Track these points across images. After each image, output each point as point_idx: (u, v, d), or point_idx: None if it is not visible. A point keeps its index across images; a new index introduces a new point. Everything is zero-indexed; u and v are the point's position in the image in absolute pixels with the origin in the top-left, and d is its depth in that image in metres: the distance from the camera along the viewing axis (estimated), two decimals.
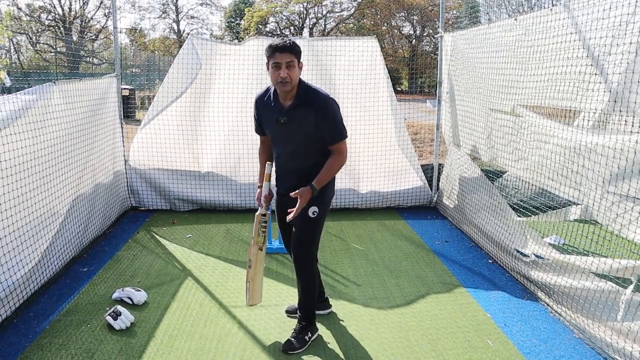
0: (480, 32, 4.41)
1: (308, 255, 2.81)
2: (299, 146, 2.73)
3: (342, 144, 2.70)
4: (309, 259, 2.82)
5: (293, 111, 2.67)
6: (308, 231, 2.76)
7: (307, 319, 2.92)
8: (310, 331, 2.92)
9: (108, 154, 4.89)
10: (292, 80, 2.59)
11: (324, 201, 2.76)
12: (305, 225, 2.74)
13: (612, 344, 2.69)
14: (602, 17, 2.73)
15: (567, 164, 3.07)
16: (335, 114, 2.68)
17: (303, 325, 2.90)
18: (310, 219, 2.72)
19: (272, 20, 36.63)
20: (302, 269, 2.83)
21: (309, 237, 2.78)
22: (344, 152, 2.72)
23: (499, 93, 3.96)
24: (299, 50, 2.62)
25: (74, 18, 31.38)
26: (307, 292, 2.88)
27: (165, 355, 2.77)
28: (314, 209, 2.70)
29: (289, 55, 2.56)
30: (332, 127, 2.66)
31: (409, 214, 5.56)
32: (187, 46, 5.30)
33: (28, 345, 2.83)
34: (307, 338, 2.89)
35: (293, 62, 2.57)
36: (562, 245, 4.25)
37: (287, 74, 2.56)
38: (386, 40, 32.99)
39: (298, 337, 2.87)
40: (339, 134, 2.69)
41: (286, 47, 2.56)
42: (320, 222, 2.78)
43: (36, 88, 3.51)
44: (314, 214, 2.71)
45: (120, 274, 3.85)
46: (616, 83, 2.64)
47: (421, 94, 14.62)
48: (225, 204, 5.53)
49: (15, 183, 3.10)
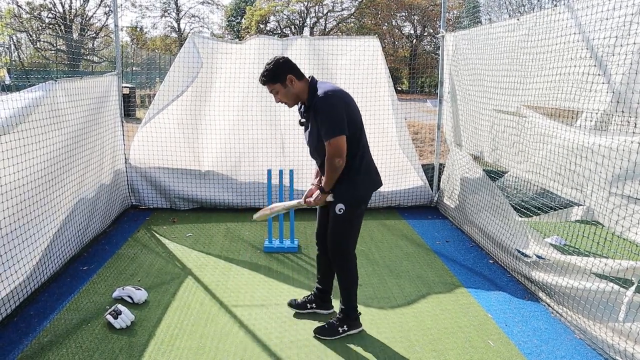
0: (482, 32, 4.40)
1: (338, 249, 2.89)
2: (315, 147, 2.81)
3: (330, 142, 2.64)
4: (340, 254, 2.89)
5: (306, 114, 2.82)
6: (336, 227, 2.85)
7: (345, 312, 2.97)
8: (347, 325, 2.96)
9: (109, 152, 4.89)
10: (287, 101, 2.80)
11: (349, 200, 2.80)
12: (333, 222, 2.85)
13: (613, 345, 2.69)
14: (606, 17, 2.72)
15: (570, 165, 3.06)
16: (328, 111, 2.64)
17: (341, 317, 2.97)
18: (337, 215, 2.81)
19: (272, 19, 36.65)
20: (335, 263, 2.93)
21: (337, 233, 2.86)
22: (330, 152, 2.66)
23: (502, 94, 3.94)
24: (272, 76, 2.74)
25: (75, 16, 31.35)
26: (343, 286, 2.96)
27: (165, 354, 2.77)
28: (339, 206, 2.80)
29: (268, 86, 2.78)
30: (323, 124, 2.66)
31: (409, 214, 5.56)
32: (188, 45, 5.29)
33: (28, 343, 2.83)
34: (342, 330, 2.94)
35: (274, 88, 2.77)
36: (563, 246, 4.25)
37: (278, 99, 2.80)
38: (387, 40, 32.99)
39: (332, 325, 2.96)
40: (327, 132, 2.64)
41: (261, 81, 2.78)
42: (348, 219, 2.83)
43: (40, 86, 3.51)
44: (340, 211, 2.80)
45: (120, 272, 3.84)
46: (619, 84, 2.63)
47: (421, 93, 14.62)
48: (225, 202, 5.52)
49: (20, 180, 3.10)
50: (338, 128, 2.63)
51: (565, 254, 3.36)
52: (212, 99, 5.40)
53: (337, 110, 2.64)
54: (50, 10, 30.82)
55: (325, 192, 2.79)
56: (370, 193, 2.88)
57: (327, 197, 2.81)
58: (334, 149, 2.64)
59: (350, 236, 2.89)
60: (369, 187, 2.85)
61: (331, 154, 2.65)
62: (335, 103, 2.65)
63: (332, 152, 2.65)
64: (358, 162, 2.77)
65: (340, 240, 2.87)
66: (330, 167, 2.68)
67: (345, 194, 2.78)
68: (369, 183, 2.85)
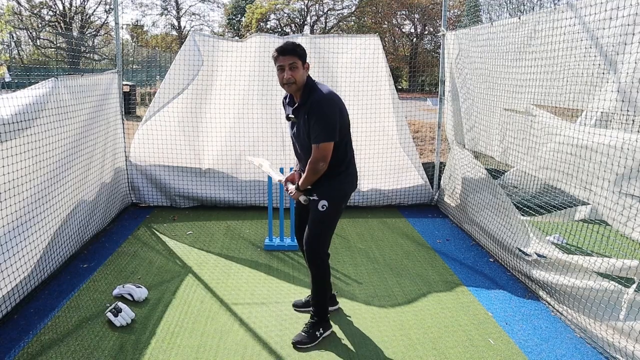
0: (484, 30, 4.38)
1: (316, 247, 2.85)
2: (303, 145, 2.79)
3: (318, 146, 2.63)
4: (317, 252, 2.86)
5: (297, 111, 2.75)
6: (317, 224, 2.83)
7: (318, 314, 2.94)
8: (322, 327, 2.94)
9: (110, 150, 4.88)
10: (297, 80, 2.66)
11: (332, 196, 2.79)
12: (314, 218, 2.83)
13: (613, 343, 2.69)
14: (611, 16, 2.70)
15: (579, 164, 3.01)
16: (322, 115, 2.62)
17: (315, 321, 2.94)
18: (319, 212, 2.79)
19: (273, 17, 36.59)
20: (312, 261, 2.88)
21: (317, 230, 2.85)
22: (316, 156, 2.65)
23: (509, 92, 3.91)
24: (302, 52, 2.65)
25: (75, 14, 31.31)
26: (317, 286, 2.92)
27: (166, 352, 2.77)
28: (323, 202, 2.78)
29: (290, 57, 2.63)
30: (316, 127, 2.64)
31: (410, 212, 5.56)
32: (189, 42, 5.29)
33: (29, 341, 2.83)
34: (318, 334, 2.91)
35: (295, 63, 2.64)
36: (563, 244, 4.25)
37: (291, 75, 2.64)
38: (387, 39, 32.96)
39: (309, 332, 2.90)
40: (319, 136, 2.63)
41: (288, 49, 2.63)
42: (328, 216, 2.82)
43: (42, 83, 3.50)
44: (323, 208, 2.78)
45: (120, 270, 3.84)
46: (624, 82, 2.61)
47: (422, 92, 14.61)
48: (226, 200, 5.52)
49: (22, 178, 3.09)
50: (329, 134, 2.64)
51: (566, 253, 3.36)
52: (212, 97, 5.39)
53: (331, 117, 2.65)
54: (51, 7, 30.78)
55: (299, 190, 2.82)
56: (350, 193, 2.91)
57: (300, 198, 2.81)
58: (321, 153, 2.65)
59: (328, 234, 2.89)
60: (350, 187, 2.89)
61: (317, 158, 2.66)
62: (332, 109, 2.66)
63: (318, 156, 2.66)
64: (345, 165, 2.81)
65: (319, 238, 2.85)
66: (312, 170, 2.69)
67: (329, 191, 2.78)
68: (350, 184, 2.89)
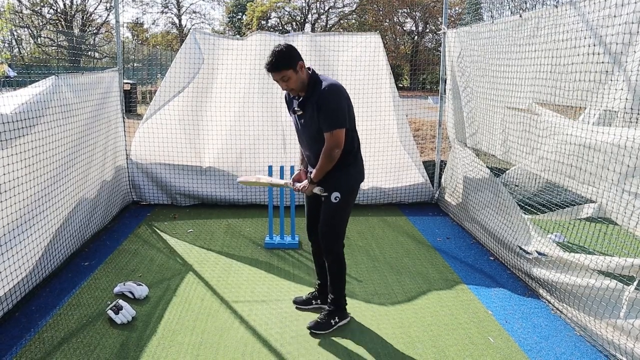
0: (486, 28, 4.37)
1: (334, 240, 2.91)
2: (312, 137, 2.82)
3: (332, 133, 2.68)
4: (333, 244, 2.91)
5: (304, 104, 2.78)
6: (331, 216, 2.88)
7: (335, 303, 2.99)
8: (339, 316, 2.99)
9: (110, 148, 4.89)
10: (295, 87, 2.74)
11: (345, 188, 2.84)
12: (328, 210, 2.87)
13: (613, 341, 2.69)
14: (616, 14, 2.69)
15: (584, 161, 3.00)
16: (332, 102, 2.68)
17: (331, 310, 2.99)
18: (332, 204, 2.83)
19: (274, 15, 36.54)
20: (328, 252, 2.92)
21: (332, 221, 2.89)
22: (331, 143, 2.69)
23: (512, 90, 3.89)
24: (286, 62, 2.66)
25: (75, 12, 31.29)
26: (334, 276, 2.96)
27: (166, 349, 2.77)
28: (336, 194, 2.82)
29: (277, 74, 2.68)
30: (326, 115, 2.68)
31: (410, 211, 5.56)
32: (189, 40, 5.28)
33: (30, 338, 2.84)
34: (334, 322, 2.97)
35: (285, 75, 2.68)
36: (563, 242, 4.25)
37: (286, 86, 2.73)
38: (388, 37, 32.88)
39: (324, 319, 2.96)
40: (332, 123, 2.68)
41: (271, 67, 2.67)
42: (342, 208, 2.87)
43: (44, 81, 3.50)
44: (336, 199, 2.83)
45: (121, 268, 3.85)
46: (634, 81, 2.59)
47: (423, 90, 14.59)
48: (226, 199, 5.52)
49: (25, 177, 3.10)
50: (341, 120, 2.69)
51: (567, 251, 3.36)
52: (213, 95, 5.39)
53: (341, 104, 2.71)
54: (51, 6, 30.76)
55: (312, 183, 2.82)
56: (360, 183, 2.96)
57: (315, 189, 2.83)
58: (334, 139, 2.69)
59: (343, 225, 2.95)
60: (360, 177, 2.94)
61: (331, 145, 2.69)
62: (340, 96, 2.72)
63: (332, 142, 2.69)
64: (353, 156, 2.85)
65: (335, 229, 2.91)
66: (328, 157, 2.72)
67: (341, 182, 2.82)
68: (360, 174, 2.94)
